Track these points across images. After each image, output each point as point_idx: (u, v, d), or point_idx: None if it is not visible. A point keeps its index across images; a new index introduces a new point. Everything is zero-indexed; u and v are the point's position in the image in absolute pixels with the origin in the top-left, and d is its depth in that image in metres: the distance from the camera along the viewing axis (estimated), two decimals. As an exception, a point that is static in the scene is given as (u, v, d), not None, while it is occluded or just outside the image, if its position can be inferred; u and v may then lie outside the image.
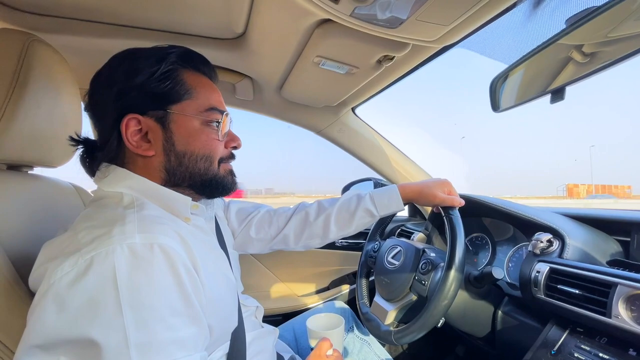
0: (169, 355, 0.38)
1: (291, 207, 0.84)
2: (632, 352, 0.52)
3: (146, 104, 0.51)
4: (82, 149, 0.55)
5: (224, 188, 0.59)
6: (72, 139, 0.55)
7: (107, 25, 0.80)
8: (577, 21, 0.53)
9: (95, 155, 0.53)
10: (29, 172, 0.64)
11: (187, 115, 0.53)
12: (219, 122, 0.55)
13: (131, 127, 0.50)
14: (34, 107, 0.54)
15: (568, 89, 0.58)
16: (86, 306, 0.36)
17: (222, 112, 0.56)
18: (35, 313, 0.37)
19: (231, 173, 0.60)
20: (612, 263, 0.68)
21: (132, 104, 0.50)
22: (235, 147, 0.61)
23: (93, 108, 0.53)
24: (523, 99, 0.70)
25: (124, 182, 0.50)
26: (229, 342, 0.56)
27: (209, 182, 0.56)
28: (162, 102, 0.52)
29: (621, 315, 0.53)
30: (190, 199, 0.53)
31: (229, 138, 0.59)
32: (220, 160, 0.57)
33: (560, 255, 0.69)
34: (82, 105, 0.62)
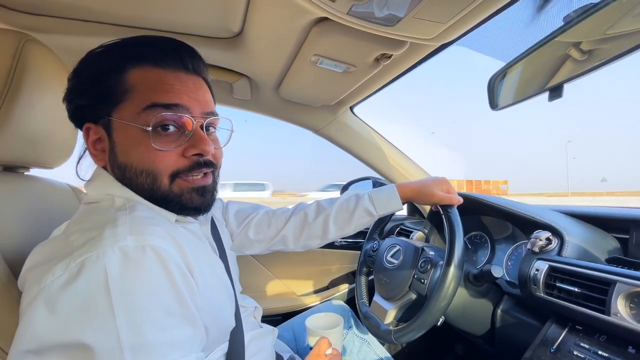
0: (163, 356, 0.38)
1: (290, 207, 0.84)
2: (631, 350, 0.52)
3: (94, 110, 0.47)
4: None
5: (186, 208, 0.49)
6: None
7: (103, 24, 0.79)
8: (574, 18, 0.53)
9: None
10: (25, 173, 0.64)
11: (124, 122, 0.46)
12: (166, 125, 0.46)
13: (90, 135, 0.48)
14: (29, 108, 0.54)
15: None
16: (78, 310, 0.35)
17: (168, 105, 0.45)
18: (26, 318, 0.36)
19: (196, 191, 0.49)
20: (610, 261, 0.68)
21: (86, 111, 0.48)
22: (200, 155, 0.48)
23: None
24: (521, 97, 0.70)
25: (107, 190, 0.48)
26: (227, 342, 0.56)
27: (164, 200, 0.48)
28: (104, 108, 0.46)
29: (620, 312, 0.53)
30: (174, 215, 0.49)
31: (188, 144, 0.47)
32: (176, 174, 0.47)
33: (559, 253, 0.69)
34: None
